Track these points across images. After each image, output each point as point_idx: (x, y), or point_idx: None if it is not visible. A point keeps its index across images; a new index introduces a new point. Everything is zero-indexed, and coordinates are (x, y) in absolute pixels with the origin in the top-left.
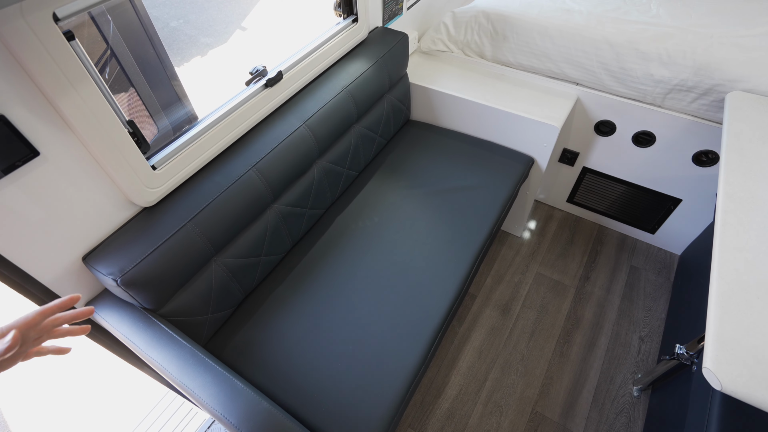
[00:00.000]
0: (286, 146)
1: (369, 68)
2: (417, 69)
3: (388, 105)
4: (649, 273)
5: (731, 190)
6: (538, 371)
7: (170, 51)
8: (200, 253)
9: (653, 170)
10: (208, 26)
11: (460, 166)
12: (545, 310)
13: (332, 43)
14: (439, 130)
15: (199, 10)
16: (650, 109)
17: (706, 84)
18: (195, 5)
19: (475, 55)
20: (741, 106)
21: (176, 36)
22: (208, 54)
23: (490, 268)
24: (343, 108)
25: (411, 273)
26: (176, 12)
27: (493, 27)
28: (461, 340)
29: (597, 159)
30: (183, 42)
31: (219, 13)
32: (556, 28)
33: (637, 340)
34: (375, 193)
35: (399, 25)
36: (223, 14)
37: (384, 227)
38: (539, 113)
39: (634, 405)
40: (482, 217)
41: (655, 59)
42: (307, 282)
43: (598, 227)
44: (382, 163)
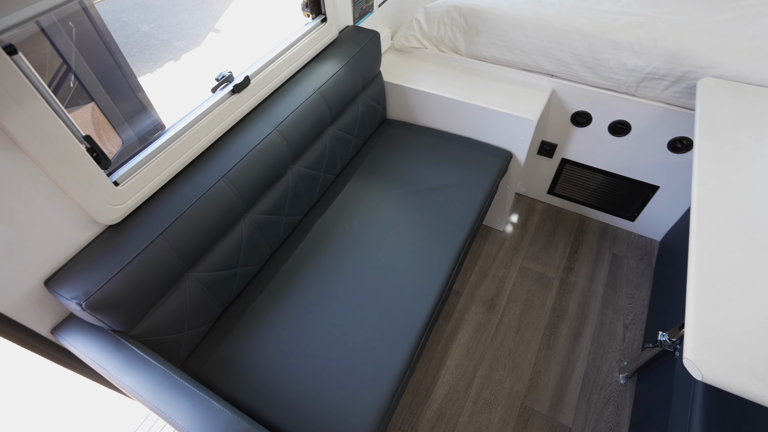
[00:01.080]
0: (257, 153)
1: (341, 69)
2: (391, 67)
3: (362, 105)
4: (631, 260)
5: (705, 177)
6: (526, 365)
7: (142, 56)
8: (171, 269)
9: (630, 159)
10: (181, 29)
11: (439, 163)
12: (530, 304)
13: (301, 44)
14: (417, 128)
15: (170, 14)
16: (624, 98)
17: (678, 71)
18: (165, 9)
19: (449, 51)
20: (712, 93)
21: (148, 41)
22: (181, 58)
23: (475, 264)
24: (315, 111)
25: (393, 275)
26: (147, 16)
27: (466, 21)
28: (448, 338)
29: (575, 150)
30: (155, 47)
31: (191, 16)
32: (528, 20)
33: (622, 328)
34: (354, 195)
35: (370, 23)
36: (195, 17)
37: (364, 230)
38: (515, 107)
39: (621, 393)
40: (463, 215)
41: (627, 48)
42: (287, 291)
43: (579, 217)
44: (360, 164)
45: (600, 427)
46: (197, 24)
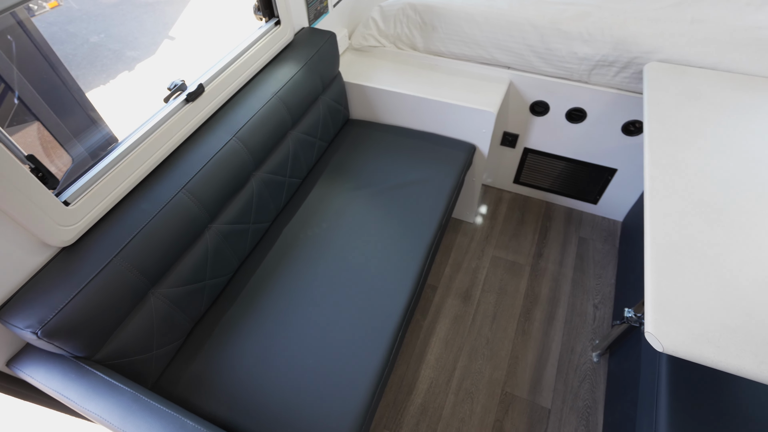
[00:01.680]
0: (217, 162)
1: (298, 71)
2: (350, 67)
3: (324, 107)
4: (596, 242)
5: (656, 157)
6: (504, 352)
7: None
8: (134, 288)
9: (588, 144)
10: (133, 39)
11: (404, 160)
12: (504, 292)
13: (255, 48)
14: (380, 126)
15: (120, 23)
16: (578, 86)
17: (625, 57)
18: (114, 18)
19: (407, 48)
20: (658, 76)
21: (99, 52)
22: (135, 68)
23: (448, 257)
24: (275, 115)
25: (365, 275)
26: (95, 26)
27: (421, 18)
28: (427, 333)
29: (536, 139)
30: (107, 58)
31: (142, 25)
32: (481, 14)
33: (592, 308)
34: (321, 198)
35: (326, 23)
36: (147, 25)
37: (334, 232)
38: (475, 100)
39: (596, 370)
40: (431, 210)
41: (576, 38)
42: (259, 300)
43: (545, 204)
44: (326, 166)
45: (577, 405)
46: (150, 32)
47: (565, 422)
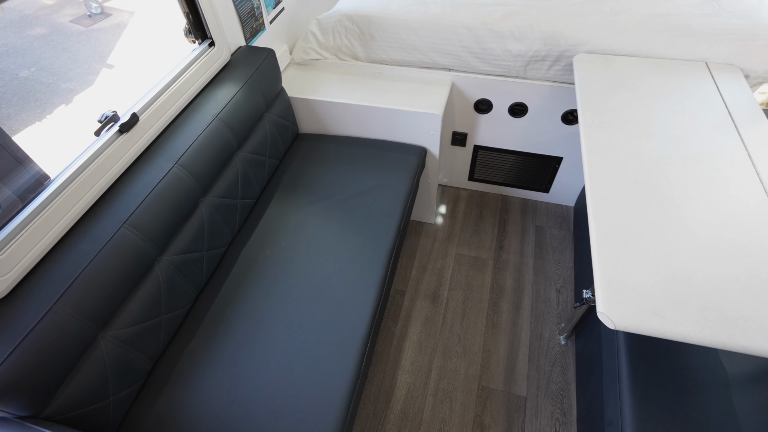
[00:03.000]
0: (159, 193)
1: (238, 91)
2: (294, 81)
3: (270, 124)
4: (552, 229)
5: (591, 143)
6: (476, 347)
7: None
8: (79, 334)
9: (532, 136)
10: (68, 70)
11: (358, 170)
12: (471, 288)
13: (191, 72)
14: (330, 138)
15: (51, 55)
16: (517, 81)
17: (556, 51)
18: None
19: (349, 58)
20: (586, 67)
21: (31, 87)
22: (73, 100)
23: (413, 260)
24: (218, 138)
25: (328, 290)
26: (25, 60)
27: (359, 28)
28: (399, 338)
29: (484, 136)
30: (41, 92)
31: (76, 54)
32: (416, 20)
33: (555, 293)
34: (277, 216)
35: (265, 40)
36: (82, 54)
37: (293, 250)
38: (420, 104)
39: (564, 353)
40: (388, 216)
41: (509, 36)
42: (221, 329)
43: (501, 198)
44: (279, 183)
45: (551, 389)
46: (86, 61)
47: (541, 407)
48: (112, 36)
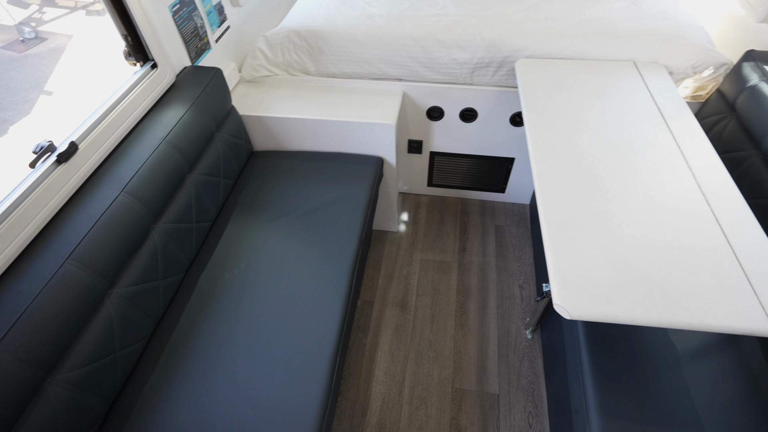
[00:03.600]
0: (106, 223)
1: (186, 112)
2: (245, 99)
3: (222, 144)
4: (511, 227)
5: (536, 143)
6: (447, 350)
7: None
8: (23, 380)
9: (484, 139)
10: (1, 99)
11: (315, 184)
12: (438, 292)
13: (133, 95)
14: (286, 154)
15: None
16: (465, 88)
17: (498, 58)
18: None
19: (300, 73)
20: (528, 71)
21: None
22: (8, 131)
23: (379, 270)
24: (167, 162)
25: (293, 308)
26: None
27: (307, 43)
28: (371, 349)
29: (438, 142)
30: None
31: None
32: (363, 33)
33: (518, 289)
34: (236, 236)
35: (211, 60)
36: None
37: (254, 270)
38: (373, 115)
39: (531, 346)
40: (349, 228)
41: (453, 45)
42: (182, 359)
43: (460, 201)
44: (236, 203)
45: (522, 383)
46: (21, 89)
47: (514, 403)
48: (49, 61)
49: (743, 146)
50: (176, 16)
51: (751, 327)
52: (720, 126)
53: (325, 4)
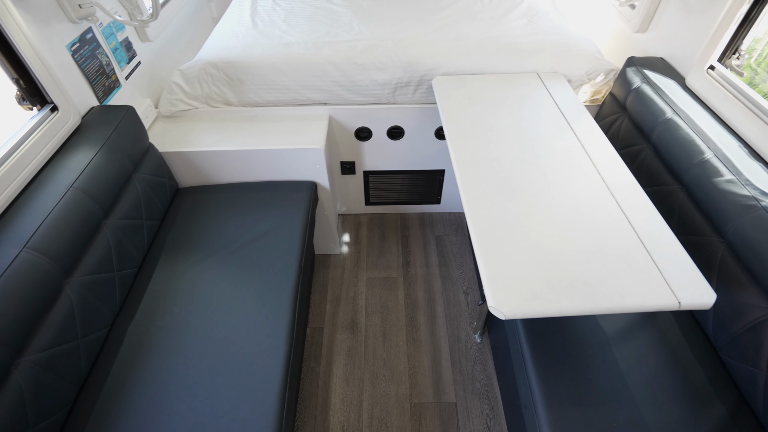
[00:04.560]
0: (6, 283)
1: (96, 155)
2: (166, 135)
3: (141, 184)
4: (450, 236)
5: (458, 154)
6: (402, 366)
7: None
8: None
9: (414, 154)
10: None
11: (248, 216)
12: (386, 309)
13: (31, 142)
14: (214, 188)
15: None
16: (389, 107)
17: (416, 77)
18: None
19: (222, 104)
20: (444, 87)
21: None
22: None
23: (326, 294)
24: (77, 210)
25: (234, 347)
26: None
27: (226, 74)
28: (325, 377)
29: (370, 161)
30: None
31: None
32: (282, 62)
33: (463, 296)
34: (166, 280)
35: (122, 98)
36: None
37: (188, 313)
38: (301, 140)
39: (482, 350)
40: (286, 257)
41: (372, 68)
42: (113, 420)
43: (399, 216)
44: (163, 244)
45: (476, 388)
46: None
47: (471, 408)
48: None
49: (637, 141)
50: (76, 55)
51: (660, 303)
52: (616, 125)
53: (241, 34)
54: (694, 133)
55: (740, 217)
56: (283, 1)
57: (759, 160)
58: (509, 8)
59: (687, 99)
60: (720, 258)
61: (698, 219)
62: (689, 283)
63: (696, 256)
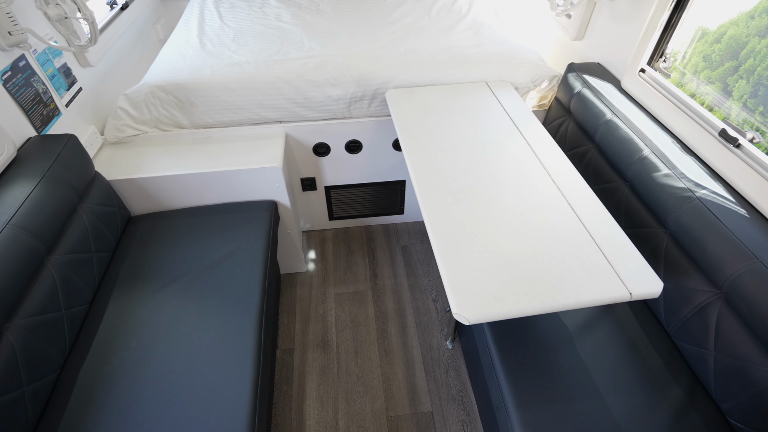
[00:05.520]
0: None
1: (35, 188)
2: (114, 162)
3: (88, 216)
4: (416, 245)
5: (414, 164)
6: (376, 380)
7: None
8: None
9: (374, 167)
10: None
11: (207, 240)
12: (357, 323)
13: None
14: (170, 214)
15: None
16: (345, 122)
17: (370, 91)
18: None
19: (173, 127)
20: (398, 100)
21: None
22: None
23: (294, 314)
24: (15, 247)
25: (197, 378)
26: None
27: (175, 97)
28: (298, 399)
29: (331, 176)
30: None
31: None
32: (233, 81)
33: (432, 303)
34: (120, 314)
35: (63, 126)
36: None
37: (147, 348)
38: (258, 160)
39: (454, 356)
40: (249, 279)
41: (325, 84)
42: None
43: (364, 229)
44: (116, 277)
45: (451, 394)
46: None
47: (448, 415)
48: None
49: (582, 142)
50: (8, 84)
51: (613, 296)
52: (563, 128)
53: (189, 55)
54: (632, 132)
55: (679, 208)
56: (231, 21)
57: (691, 154)
58: (455, 21)
59: (623, 101)
60: (665, 248)
61: (643, 212)
62: (638, 274)
63: (644, 248)
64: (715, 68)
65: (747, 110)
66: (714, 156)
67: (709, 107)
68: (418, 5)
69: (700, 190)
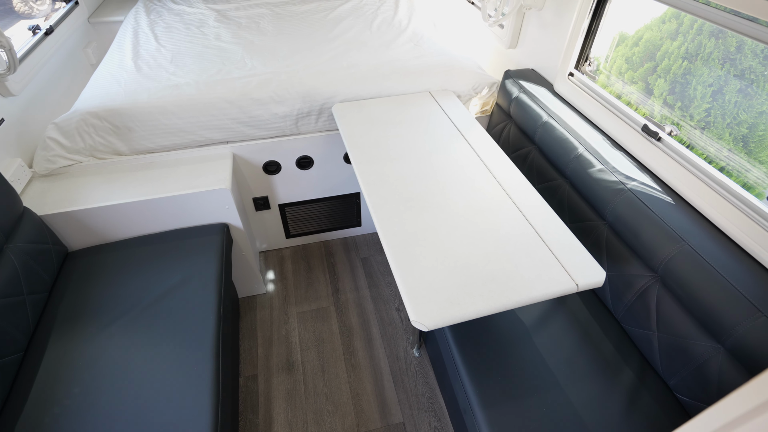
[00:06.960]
0: None
1: None
2: (46, 196)
3: (18, 255)
4: (376, 256)
5: (364, 176)
6: (345, 397)
7: None
8: None
9: (326, 181)
10: None
11: (155, 270)
12: (322, 341)
13: None
14: (113, 246)
15: None
16: (294, 138)
17: (316, 106)
18: None
19: (111, 155)
20: (344, 114)
21: None
22: None
23: (256, 339)
24: None
25: (152, 420)
26: None
27: (110, 123)
28: (265, 427)
29: (284, 194)
30: None
31: None
32: (173, 104)
33: (396, 312)
34: (61, 359)
35: None
36: None
37: (92, 392)
38: (205, 183)
39: (421, 363)
40: (202, 307)
41: (270, 101)
42: None
43: (322, 244)
44: (54, 318)
45: (421, 402)
46: None
47: (419, 423)
48: None
49: (524, 144)
50: None
51: (562, 289)
52: (505, 132)
53: (123, 79)
54: (567, 132)
55: (614, 200)
56: (168, 43)
57: (620, 149)
58: (396, 34)
59: (557, 103)
60: (606, 238)
61: (583, 207)
62: (583, 266)
63: (587, 240)
64: (636, 69)
65: (667, 106)
66: (640, 150)
67: (635, 106)
68: (359, 20)
69: (630, 182)
